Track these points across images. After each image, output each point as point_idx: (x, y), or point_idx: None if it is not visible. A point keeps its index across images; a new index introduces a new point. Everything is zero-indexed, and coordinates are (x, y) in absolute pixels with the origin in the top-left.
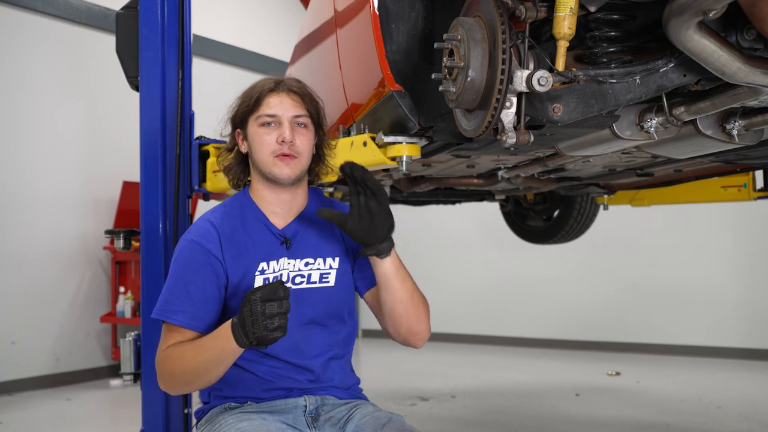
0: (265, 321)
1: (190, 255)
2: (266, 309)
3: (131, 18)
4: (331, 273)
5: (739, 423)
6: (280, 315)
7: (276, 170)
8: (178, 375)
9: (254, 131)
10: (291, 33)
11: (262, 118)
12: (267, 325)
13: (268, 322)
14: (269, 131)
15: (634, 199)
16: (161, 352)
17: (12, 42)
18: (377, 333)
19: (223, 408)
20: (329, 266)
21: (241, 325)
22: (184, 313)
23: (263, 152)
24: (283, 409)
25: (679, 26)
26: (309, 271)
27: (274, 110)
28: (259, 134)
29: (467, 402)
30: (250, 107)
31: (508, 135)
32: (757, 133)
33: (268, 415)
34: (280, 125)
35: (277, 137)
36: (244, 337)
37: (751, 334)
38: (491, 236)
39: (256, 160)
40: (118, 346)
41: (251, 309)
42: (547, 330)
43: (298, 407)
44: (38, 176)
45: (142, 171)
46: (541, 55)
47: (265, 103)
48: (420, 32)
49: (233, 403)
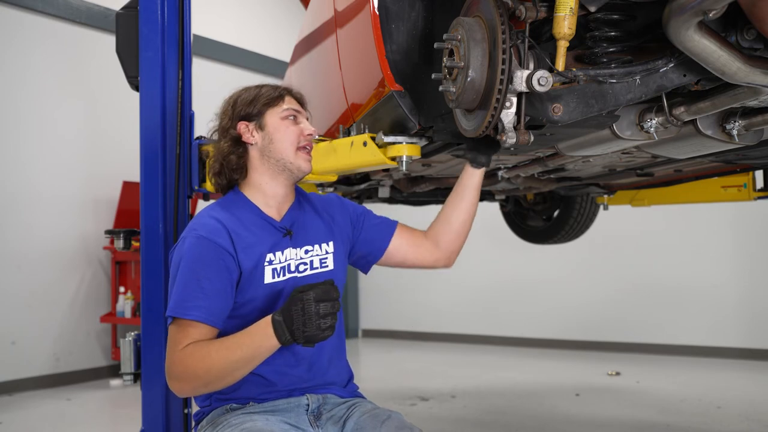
0: (318, 321)
1: (202, 251)
2: (320, 309)
3: (131, 18)
4: (328, 257)
5: (739, 423)
6: (332, 315)
7: (300, 162)
8: (202, 374)
9: (276, 122)
10: (291, 33)
11: (287, 111)
12: (320, 324)
13: (321, 322)
14: (292, 124)
15: (634, 199)
16: (178, 352)
17: (12, 42)
18: (377, 333)
19: (224, 409)
20: (325, 251)
21: (287, 323)
22: (200, 308)
23: (287, 142)
24: (286, 408)
25: (679, 26)
26: (309, 258)
27: (296, 106)
28: (284, 125)
29: (467, 402)
30: (271, 101)
31: (508, 135)
32: (757, 133)
33: (271, 415)
34: (299, 121)
35: (303, 130)
36: (288, 335)
37: (751, 334)
38: (491, 236)
39: (278, 150)
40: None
41: (304, 308)
42: (547, 330)
43: (301, 406)
44: (38, 176)
45: (142, 171)
46: (541, 55)
47: (287, 100)
48: (420, 32)
49: (235, 404)
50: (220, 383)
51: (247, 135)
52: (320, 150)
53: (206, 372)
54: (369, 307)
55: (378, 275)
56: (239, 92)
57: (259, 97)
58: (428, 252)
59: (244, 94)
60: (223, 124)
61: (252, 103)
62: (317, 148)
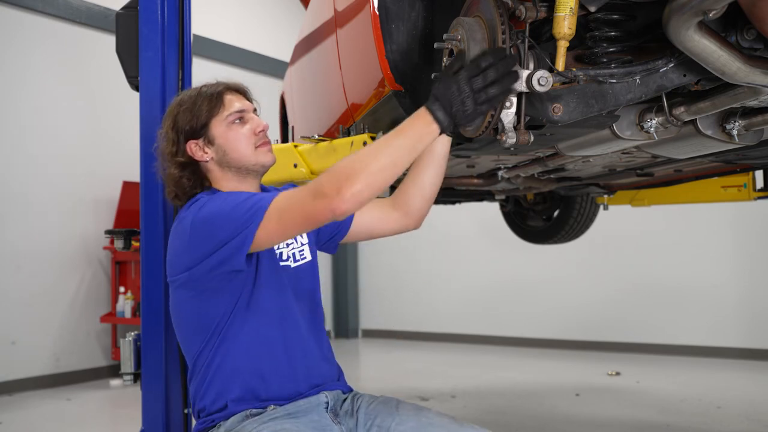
0: (475, 96)
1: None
2: (474, 84)
3: (131, 18)
4: (305, 248)
5: (739, 423)
6: (494, 84)
7: (263, 158)
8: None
9: (225, 131)
10: (291, 33)
11: (232, 116)
12: (477, 99)
13: (478, 96)
14: (241, 127)
15: (634, 199)
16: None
17: (12, 42)
18: (377, 333)
19: (244, 415)
20: (301, 243)
21: (446, 109)
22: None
23: (244, 147)
24: (307, 408)
25: (679, 26)
26: (291, 250)
27: (238, 106)
28: (234, 131)
29: (467, 402)
30: (211, 111)
31: (508, 135)
32: (757, 133)
33: (295, 419)
34: (246, 120)
35: (254, 128)
36: (449, 119)
37: (751, 334)
38: (491, 236)
39: (236, 158)
40: (118, 346)
41: (459, 88)
42: (547, 330)
43: (320, 404)
44: (38, 176)
45: (142, 171)
46: (541, 55)
47: (227, 101)
48: (420, 32)
49: (254, 410)
50: (381, 174)
51: (199, 154)
52: (320, 150)
53: (364, 159)
54: (369, 307)
55: (378, 275)
56: (174, 106)
57: (198, 108)
58: (395, 222)
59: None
60: (168, 151)
61: (193, 116)
62: (317, 148)
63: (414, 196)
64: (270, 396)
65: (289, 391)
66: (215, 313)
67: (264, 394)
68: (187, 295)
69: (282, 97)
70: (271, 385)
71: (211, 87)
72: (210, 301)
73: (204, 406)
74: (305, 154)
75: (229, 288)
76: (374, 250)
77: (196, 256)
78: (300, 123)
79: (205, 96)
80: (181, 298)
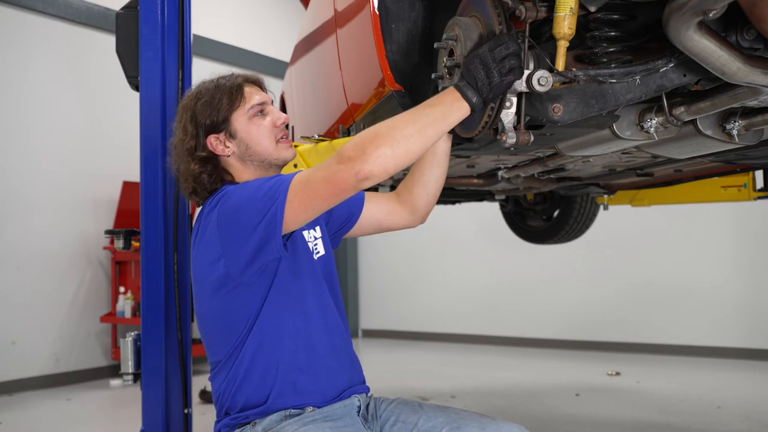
0: (498, 66)
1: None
2: (496, 54)
3: (131, 18)
4: (318, 242)
5: (739, 423)
6: (510, 56)
7: (285, 153)
8: (384, 132)
9: (246, 125)
10: (291, 33)
11: (253, 109)
12: (501, 69)
13: (502, 66)
14: (262, 119)
15: (634, 199)
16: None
17: (12, 42)
18: (377, 333)
19: (283, 415)
20: (314, 237)
21: (471, 84)
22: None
23: (266, 140)
24: (342, 413)
25: (679, 26)
26: (307, 243)
27: (258, 99)
28: (255, 125)
29: (467, 402)
30: (232, 104)
31: (508, 135)
32: (757, 133)
33: (332, 422)
34: (267, 112)
35: (274, 121)
36: (476, 95)
37: (751, 334)
38: (491, 236)
39: (259, 152)
40: (118, 346)
41: (482, 61)
42: (547, 330)
43: (354, 408)
44: (38, 176)
45: (142, 171)
46: (541, 55)
47: (247, 94)
48: (420, 32)
49: (293, 410)
50: (407, 141)
51: (220, 148)
52: (320, 150)
53: (390, 124)
54: (369, 307)
55: (378, 275)
56: (191, 99)
57: (218, 101)
58: (403, 217)
59: (200, 101)
60: (187, 146)
61: (213, 110)
62: (317, 148)
63: (419, 195)
64: (311, 389)
65: (328, 386)
66: (251, 308)
67: (305, 387)
68: (221, 290)
69: (282, 97)
70: (311, 379)
71: (230, 79)
72: (243, 295)
73: (236, 403)
74: (305, 154)
75: (263, 279)
76: (374, 250)
77: (231, 249)
78: (300, 123)
79: (224, 89)
80: (213, 294)
